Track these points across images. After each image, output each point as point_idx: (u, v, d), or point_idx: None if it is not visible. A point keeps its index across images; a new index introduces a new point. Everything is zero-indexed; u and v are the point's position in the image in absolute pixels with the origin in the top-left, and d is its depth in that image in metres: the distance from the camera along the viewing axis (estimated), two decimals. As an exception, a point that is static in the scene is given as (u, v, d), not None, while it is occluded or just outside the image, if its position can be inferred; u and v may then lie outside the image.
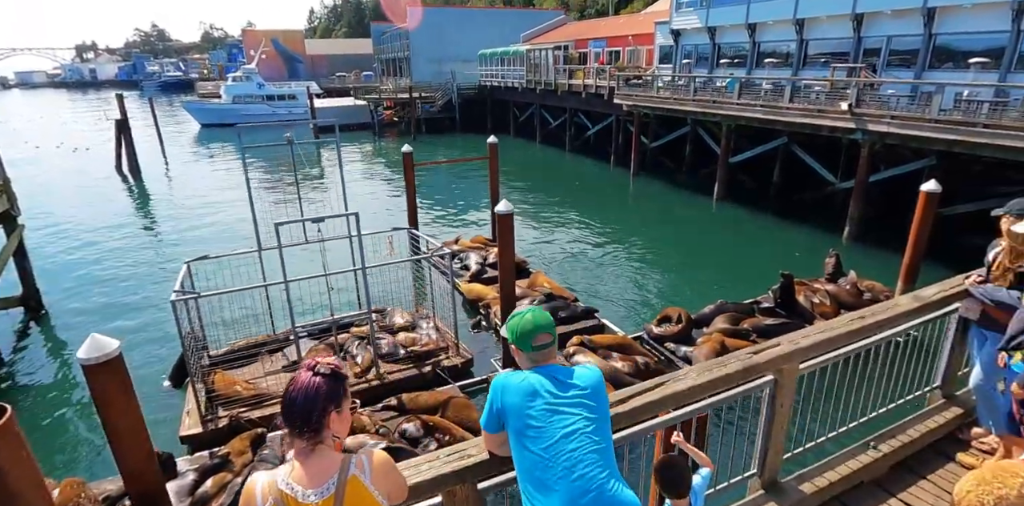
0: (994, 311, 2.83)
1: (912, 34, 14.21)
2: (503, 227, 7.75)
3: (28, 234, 11.61)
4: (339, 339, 8.97)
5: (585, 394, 1.92)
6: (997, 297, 2.80)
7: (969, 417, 3.18)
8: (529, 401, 1.89)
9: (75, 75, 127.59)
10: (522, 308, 2.10)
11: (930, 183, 8.69)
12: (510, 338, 2.02)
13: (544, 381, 1.94)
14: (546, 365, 2.01)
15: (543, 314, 2.06)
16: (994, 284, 2.88)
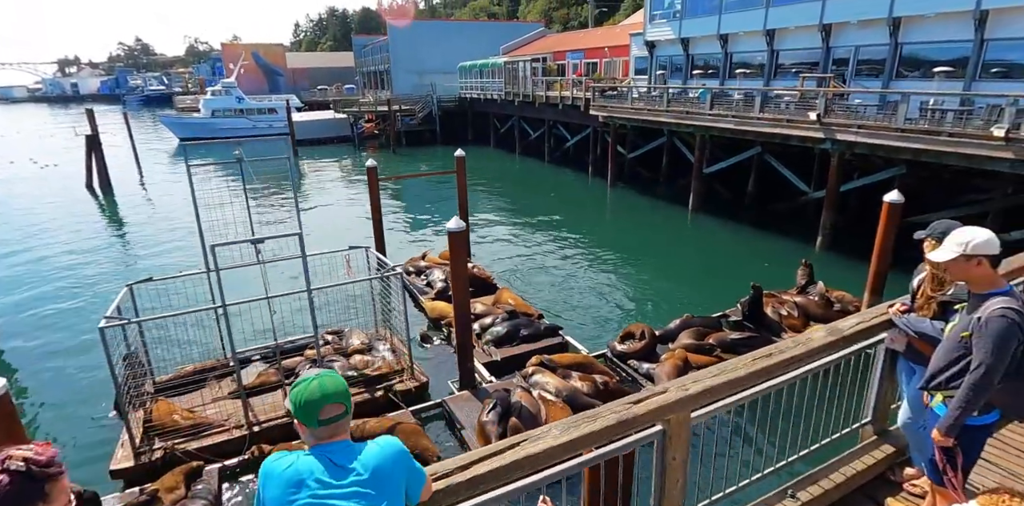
0: (919, 343, 2.60)
1: (879, 44, 14.26)
2: (455, 245, 7.49)
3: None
4: (292, 362, 8.65)
5: (363, 481, 1.59)
6: (920, 328, 2.57)
7: (902, 456, 2.93)
8: (292, 494, 1.55)
9: (56, 89, 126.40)
10: (309, 373, 1.74)
11: (892, 194, 8.57)
12: (292, 410, 1.68)
13: (316, 466, 1.61)
14: (330, 443, 1.68)
15: (335, 380, 1.71)
16: (918, 314, 2.66)
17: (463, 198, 13.65)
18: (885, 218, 8.69)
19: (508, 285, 12.43)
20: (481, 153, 34.56)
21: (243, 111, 42.06)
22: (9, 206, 22.67)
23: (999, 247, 2.16)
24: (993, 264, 2.16)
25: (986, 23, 12.17)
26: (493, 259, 14.82)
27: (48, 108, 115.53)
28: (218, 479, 6.64)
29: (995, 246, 2.14)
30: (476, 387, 8.08)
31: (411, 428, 6.98)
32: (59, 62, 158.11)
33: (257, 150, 40.60)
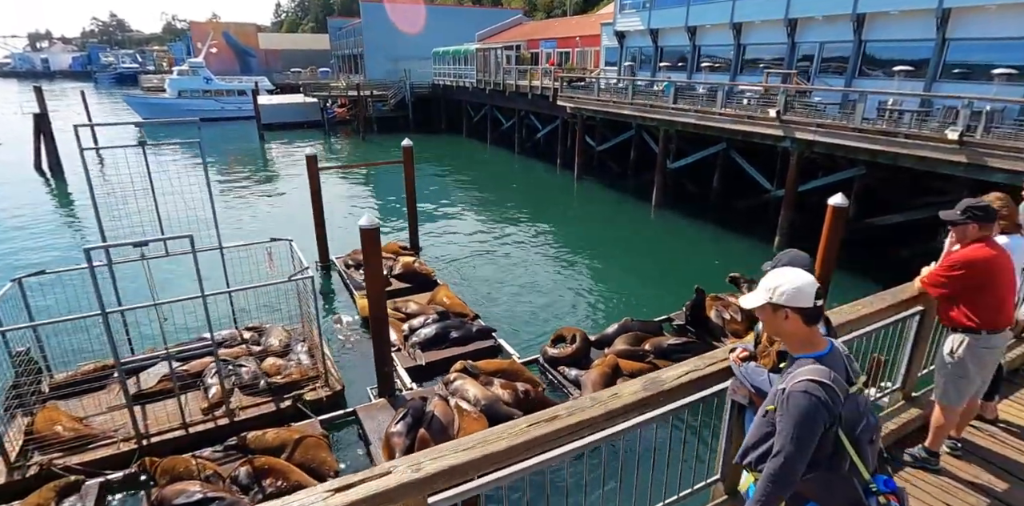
0: (756, 398, 2.21)
1: (843, 41, 13.91)
2: (368, 243, 7.00)
3: None
4: (200, 364, 8.12)
5: None
6: (756, 382, 2.18)
7: (753, 515, 2.57)
8: None
9: (26, 64, 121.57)
10: None
11: (837, 197, 8.23)
12: None
13: None
14: None
15: None
16: (758, 363, 2.26)
17: (411, 189, 13.13)
18: (829, 222, 8.37)
19: (454, 281, 12.00)
20: (453, 142, 33.86)
21: (211, 92, 40.68)
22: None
23: (813, 299, 1.75)
24: (807, 320, 1.76)
25: (947, 22, 11.87)
26: (442, 252, 14.34)
27: (17, 84, 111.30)
28: (97, 495, 6.14)
29: (807, 297, 1.74)
30: (394, 395, 7.63)
31: (312, 441, 6.52)
32: (30, 36, 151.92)
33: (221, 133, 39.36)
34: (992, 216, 3.02)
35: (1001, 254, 2.99)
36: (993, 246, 3.01)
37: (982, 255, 2.95)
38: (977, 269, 2.96)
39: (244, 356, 8.28)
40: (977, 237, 3.02)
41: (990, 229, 3.04)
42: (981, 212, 3.00)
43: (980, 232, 3.02)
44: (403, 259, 11.94)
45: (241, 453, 6.59)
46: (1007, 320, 3.03)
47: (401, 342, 8.85)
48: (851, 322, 2.97)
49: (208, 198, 8.56)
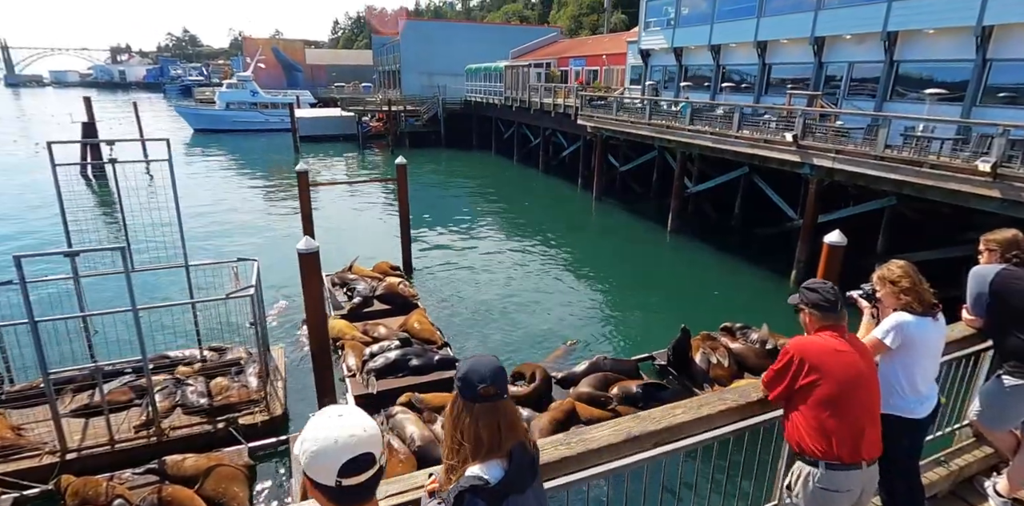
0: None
1: (873, 61, 12.89)
2: (307, 268, 6.67)
3: None
4: (151, 381, 7.95)
5: None
6: None
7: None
8: None
9: (105, 76, 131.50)
10: None
11: (834, 234, 7.38)
12: None
13: None
14: None
15: None
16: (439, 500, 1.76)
17: (404, 208, 12.89)
18: (825, 261, 7.52)
19: (446, 303, 11.65)
20: (481, 158, 33.85)
21: (256, 105, 42.35)
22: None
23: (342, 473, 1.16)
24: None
25: (989, 41, 10.76)
26: (440, 273, 13.97)
27: (96, 93, 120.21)
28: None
29: (328, 471, 1.15)
30: (333, 425, 7.20)
31: (228, 472, 6.16)
32: (112, 49, 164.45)
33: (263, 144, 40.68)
34: (830, 305, 2.34)
35: (849, 353, 2.27)
36: (838, 340, 2.29)
37: (812, 350, 2.27)
38: (803, 370, 2.26)
39: (194, 375, 8.07)
40: (820, 326, 2.36)
41: (834, 319, 2.36)
42: (815, 295, 2.36)
43: (822, 322, 2.35)
44: (389, 280, 11.63)
45: (158, 478, 6.32)
46: (858, 453, 2.24)
47: (359, 367, 8.46)
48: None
49: (176, 216, 8.45)
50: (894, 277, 2.66)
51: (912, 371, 2.60)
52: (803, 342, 2.36)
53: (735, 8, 15.90)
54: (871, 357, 2.44)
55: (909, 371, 2.60)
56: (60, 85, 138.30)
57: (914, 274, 2.65)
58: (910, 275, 2.64)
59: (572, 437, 1.99)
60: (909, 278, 2.63)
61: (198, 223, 18.64)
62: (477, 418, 1.50)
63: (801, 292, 2.47)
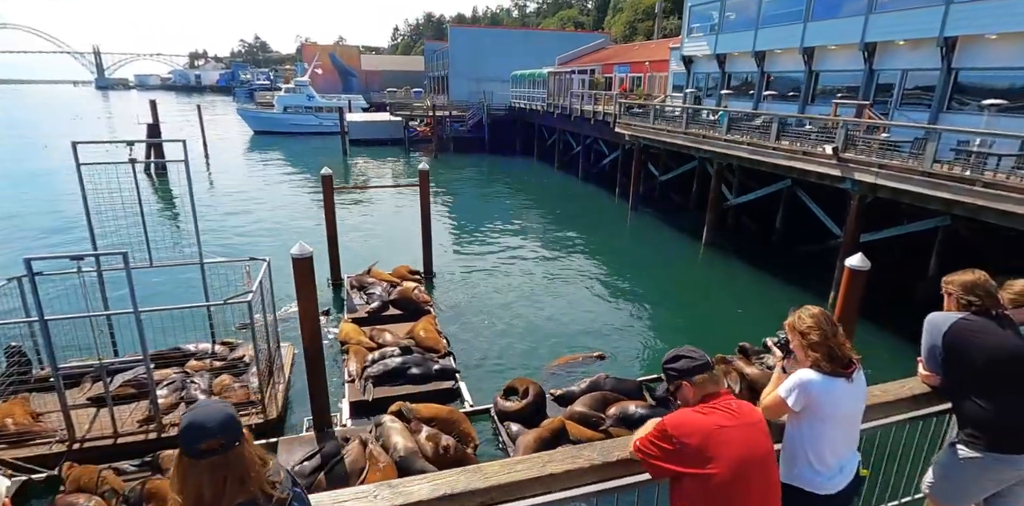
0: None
1: (929, 68, 11.93)
2: (301, 273, 6.75)
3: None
4: (162, 374, 8.28)
5: None
6: None
7: None
8: None
9: (182, 80, 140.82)
10: None
11: (855, 258, 6.81)
12: None
13: None
14: None
15: None
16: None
17: (426, 213, 12.95)
18: (846, 287, 6.95)
19: (464, 309, 11.63)
20: (524, 165, 33.80)
21: (312, 108, 44.01)
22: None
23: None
24: None
25: (1061, 48, 9.74)
26: (464, 278, 13.95)
27: (175, 96, 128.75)
28: (16, 492, 6.33)
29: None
30: (323, 430, 7.27)
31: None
32: (190, 55, 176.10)
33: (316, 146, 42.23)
34: (703, 364, 2.05)
35: (737, 427, 1.93)
36: (723, 412, 1.97)
37: (695, 430, 1.93)
38: (686, 454, 1.93)
39: (203, 371, 8.35)
40: (702, 397, 2.04)
41: (714, 382, 2.06)
42: (683, 362, 2.08)
43: (703, 389, 2.04)
44: (405, 285, 11.71)
45: (152, 471, 6.55)
46: None
47: (358, 373, 8.52)
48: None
49: (192, 214, 8.79)
50: (803, 328, 2.29)
51: (819, 439, 2.23)
52: (682, 421, 1.98)
53: (781, 12, 15.13)
54: (763, 424, 2.08)
55: (815, 439, 2.23)
56: (143, 88, 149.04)
57: (827, 325, 2.26)
58: (821, 327, 2.25)
59: (383, 489, 1.84)
60: (819, 331, 2.25)
61: (237, 221, 19.49)
62: (200, 475, 1.38)
63: (665, 370, 2.15)
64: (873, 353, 10.05)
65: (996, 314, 2.45)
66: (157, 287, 11.35)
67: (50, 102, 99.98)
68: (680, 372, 2.08)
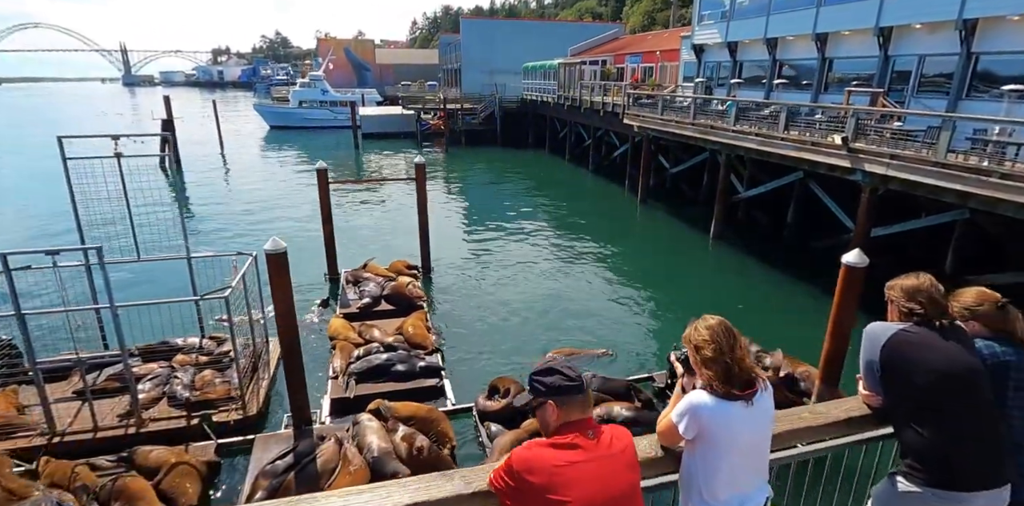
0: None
1: (947, 53, 11.28)
2: (275, 269, 6.64)
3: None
4: (145, 369, 8.29)
5: None
6: None
7: None
8: None
9: (206, 76, 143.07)
10: None
11: (852, 254, 6.46)
12: None
13: None
14: None
15: None
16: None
17: (423, 208, 12.80)
18: (842, 284, 6.60)
19: (461, 303, 11.51)
20: (536, 158, 33.43)
21: (326, 103, 44.18)
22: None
23: None
24: None
25: (1090, 29, 9.08)
26: (464, 273, 13.78)
27: (198, 92, 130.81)
28: None
29: None
30: (302, 427, 7.19)
31: (184, 468, 6.25)
32: (213, 51, 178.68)
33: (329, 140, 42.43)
34: (576, 385, 1.79)
35: (592, 461, 1.69)
36: (578, 445, 1.71)
37: (541, 467, 1.67)
38: (532, 496, 1.67)
39: (188, 366, 8.34)
40: (561, 424, 1.78)
41: (581, 407, 1.80)
42: (554, 378, 1.80)
43: (568, 415, 1.78)
44: (400, 279, 11.60)
45: (127, 467, 6.53)
46: None
47: (343, 369, 8.42)
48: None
49: (177, 208, 8.76)
50: (697, 341, 2.01)
51: (714, 470, 1.95)
52: (527, 455, 1.71)
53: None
54: (627, 455, 1.80)
55: (710, 470, 1.96)
56: (168, 84, 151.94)
57: (724, 339, 1.95)
58: (716, 341, 1.95)
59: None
60: (714, 345, 1.95)
61: (245, 216, 19.61)
62: None
63: (532, 382, 1.86)
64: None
65: (941, 325, 2.09)
66: (148, 281, 11.46)
67: (79, 99, 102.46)
68: (548, 389, 1.81)
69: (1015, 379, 2.10)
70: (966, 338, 2.13)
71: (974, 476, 1.97)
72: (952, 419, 2.01)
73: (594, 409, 7.28)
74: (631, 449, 1.84)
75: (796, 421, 2.15)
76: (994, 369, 2.11)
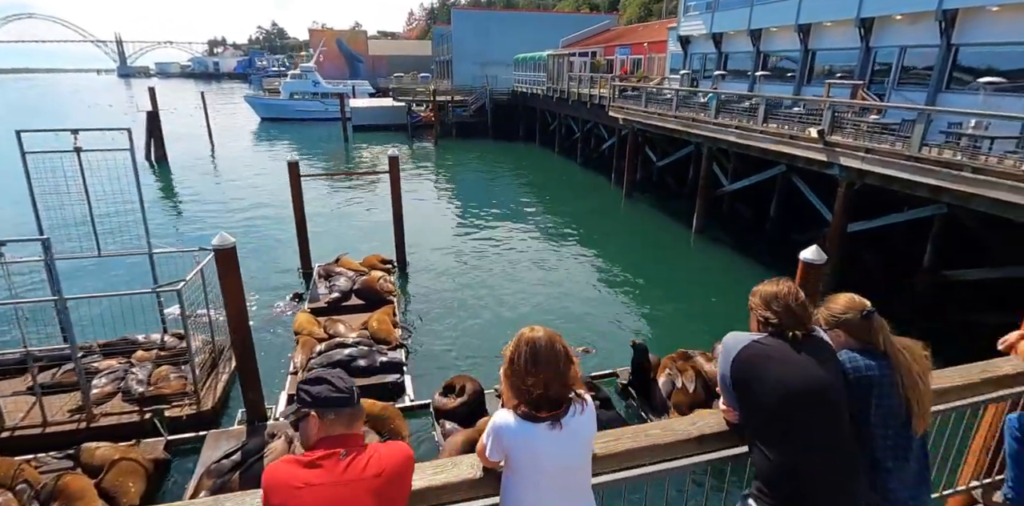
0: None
1: (928, 45, 11.09)
2: (224, 265, 6.50)
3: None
4: (105, 365, 8.19)
5: None
6: None
7: None
8: None
9: (201, 67, 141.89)
10: None
11: (810, 250, 6.32)
12: None
13: None
14: None
15: None
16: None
17: (397, 202, 12.64)
18: (800, 282, 6.44)
19: (432, 298, 11.42)
20: (526, 150, 33.19)
21: (318, 95, 43.79)
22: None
23: None
24: None
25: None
26: (439, 266, 13.66)
27: (193, 83, 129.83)
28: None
29: None
30: (255, 424, 7.10)
31: (127, 466, 6.16)
32: (209, 43, 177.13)
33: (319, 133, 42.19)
34: (346, 397, 1.68)
35: (327, 487, 1.56)
36: (323, 465, 1.58)
37: (277, 487, 1.56)
38: (265, 503, 1.57)
39: (147, 362, 8.23)
40: (320, 439, 1.67)
41: (345, 422, 1.67)
42: (320, 387, 1.68)
43: (329, 429, 1.66)
44: (373, 273, 11.47)
45: (72, 464, 6.44)
46: None
47: (303, 365, 8.32)
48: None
49: (139, 204, 8.60)
50: (508, 351, 1.85)
51: (520, 494, 1.82)
52: (271, 473, 1.60)
53: (776, -13, 14.28)
54: (377, 482, 1.61)
55: (517, 493, 1.82)
56: (163, 76, 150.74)
57: (527, 357, 1.78)
58: (514, 359, 1.80)
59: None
60: (512, 365, 1.81)
61: (227, 210, 19.43)
62: None
63: (298, 391, 1.73)
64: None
65: (794, 336, 1.92)
66: (111, 278, 11.36)
67: (71, 91, 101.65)
68: (313, 400, 1.66)
69: (877, 395, 1.95)
70: (824, 350, 1.96)
71: (823, 494, 1.83)
72: (802, 437, 1.86)
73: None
74: (392, 475, 1.66)
75: (642, 439, 2.00)
76: (856, 384, 1.96)
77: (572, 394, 1.84)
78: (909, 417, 1.93)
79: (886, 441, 1.95)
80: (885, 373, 1.96)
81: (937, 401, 2.32)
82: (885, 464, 1.96)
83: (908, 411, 1.93)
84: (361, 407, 1.73)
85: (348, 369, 8.22)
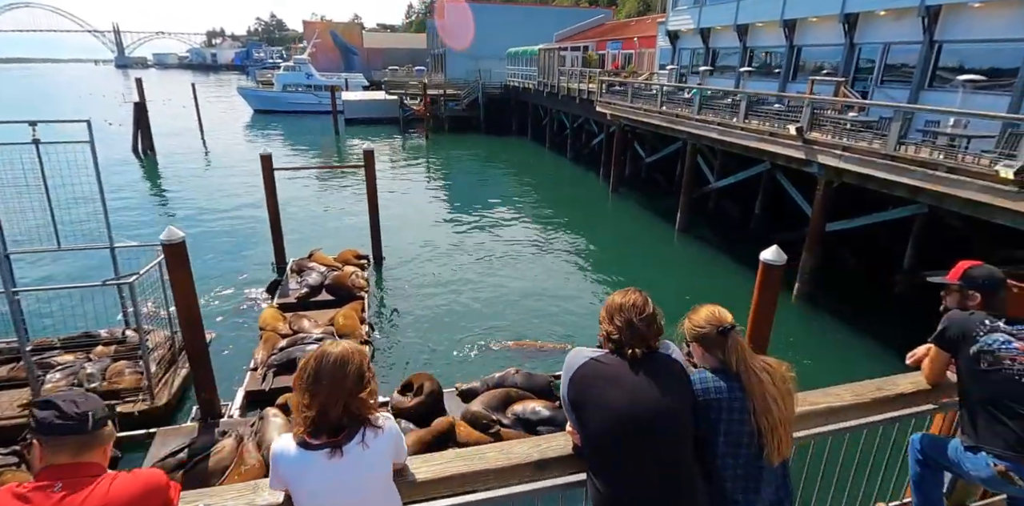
0: None
1: (911, 41, 10.90)
2: (173, 260, 6.36)
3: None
4: (63, 359, 8.07)
5: None
6: None
7: None
8: None
9: (199, 58, 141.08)
10: None
11: (770, 251, 6.16)
12: None
13: None
14: None
15: None
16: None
17: (372, 196, 12.49)
18: (760, 283, 6.32)
19: (411, 294, 11.30)
20: (516, 145, 32.95)
21: (311, 87, 43.47)
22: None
23: None
24: None
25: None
26: (417, 262, 13.51)
27: (191, 74, 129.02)
28: None
29: None
30: (208, 421, 6.97)
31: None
32: (207, 33, 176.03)
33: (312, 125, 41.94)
34: (74, 423, 1.50)
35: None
36: (31, 498, 1.43)
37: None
38: None
39: (105, 357, 8.11)
40: (49, 465, 1.51)
41: (61, 453, 1.50)
42: (47, 413, 1.53)
43: (52, 456, 1.52)
44: (345, 269, 11.32)
45: (17, 460, 6.33)
46: None
47: (263, 361, 8.19)
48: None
49: (100, 197, 8.42)
50: (300, 363, 1.73)
51: None
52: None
53: (763, -19, 14.07)
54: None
55: None
56: (161, 66, 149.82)
57: (311, 378, 1.65)
58: (301, 377, 1.66)
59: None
60: (298, 382, 1.67)
61: (213, 205, 19.25)
62: None
63: (30, 413, 1.56)
64: (844, 355, 9.45)
65: (633, 354, 1.75)
66: (71, 268, 11.23)
67: (68, 81, 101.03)
68: (37, 426, 1.50)
69: (726, 421, 1.76)
70: (667, 370, 1.78)
71: None
72: (633, 467, 1.69)
73: (515, 406, 7.07)
74: None
75: (476, 462, 1.82)
76: (704, 407, 1.78)
77: (362, 419, 1.67)
78: (761, 446, 1.74)
79: (736, 470, 1.77)
80: (736, 396, 1.77)
81: (825, 422, 2.19)
82: (734, 497, 1.78)
83: (760, 439, 1.74)
84: (100, 433, 1.55)
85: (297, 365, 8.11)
